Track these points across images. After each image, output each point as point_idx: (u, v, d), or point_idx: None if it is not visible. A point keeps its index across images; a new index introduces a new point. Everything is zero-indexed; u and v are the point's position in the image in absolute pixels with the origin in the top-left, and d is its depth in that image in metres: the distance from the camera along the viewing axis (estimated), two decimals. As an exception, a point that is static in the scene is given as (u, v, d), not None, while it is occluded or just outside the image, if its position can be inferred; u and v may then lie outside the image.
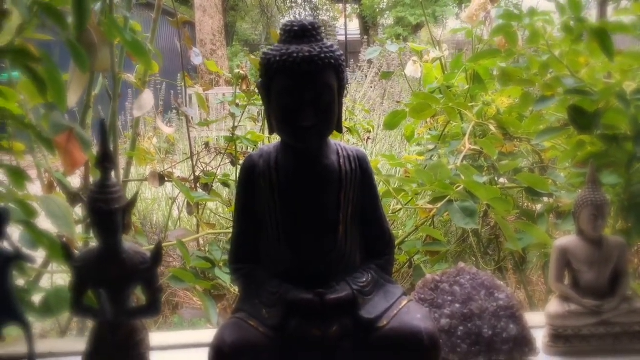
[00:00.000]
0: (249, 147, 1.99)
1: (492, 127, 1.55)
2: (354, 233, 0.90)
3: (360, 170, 0.89)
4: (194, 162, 1.86)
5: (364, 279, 0.88)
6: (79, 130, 1.15)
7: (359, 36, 12.65)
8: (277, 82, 0.81)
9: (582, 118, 1.06)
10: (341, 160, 0.88)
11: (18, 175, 0.99)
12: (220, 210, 2.23)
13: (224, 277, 1.44)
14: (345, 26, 12.85)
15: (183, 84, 2.15)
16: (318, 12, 16.76)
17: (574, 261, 1.00)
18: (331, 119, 0.83)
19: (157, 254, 0.85)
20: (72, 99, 1.18)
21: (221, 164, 2.10)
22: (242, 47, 11.98)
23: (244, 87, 1.78)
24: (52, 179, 1.37)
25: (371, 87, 3.37)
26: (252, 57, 1.86)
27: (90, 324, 1.03)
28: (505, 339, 0.94)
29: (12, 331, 0.97)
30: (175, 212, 2.70)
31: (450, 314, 0.96)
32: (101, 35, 1.13)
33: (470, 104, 1.65)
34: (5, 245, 0.89)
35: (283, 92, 0.80)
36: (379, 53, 2.24)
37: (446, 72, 1.92)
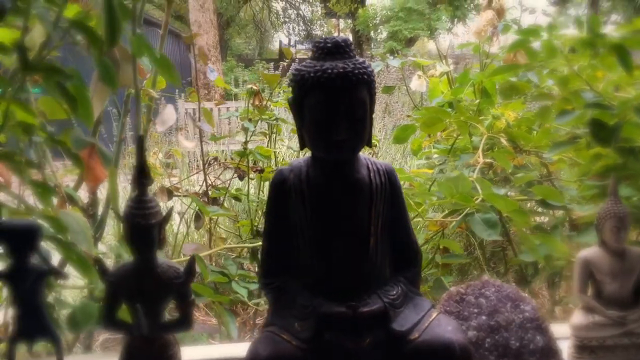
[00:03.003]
0: (259, 162, 2.01)
1: (503, 141, 1.57)
2: (383, 246, 0.91)
3: (389, 184, 0.91)
4: (205, 177, 1.86)
5: (394, 292, 0.89)
6: (100, 146, 1.16)
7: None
8: (310, 97, 0.82)
9: (602, 131, 1.08)
10: (371, 174, 0.89)
11: (45, 190, 1.00)
12: (228, 224, 2.23)
13: (242, 291, 1.45)
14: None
15: (188, 98, 2.18)
16: (312, 26, 16.88)
17: (597, 272, 1.01)
18: (363, 133, 0.84)
19: (191, 269, 0.85)
20: (94, 114, 1.19)
21: (232, 178, 2.11)
22: (236, 62, 12.01)
23: (257, 102, 1.79)
24: (63, 194, 1.38)
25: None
26: (266, 72, 1.87)
27: (109, 338, 1.04)
28: (533, 350, 0.95)
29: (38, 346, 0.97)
30: (177, 226, 2.70)
31: (477, 326, 0.97)
32: (123, 51, 1.14)
33: (480, 118, 1.67)
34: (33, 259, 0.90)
35: (317, 107, 0.82)
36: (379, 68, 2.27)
37: (453, 86, 1.94)
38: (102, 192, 1.49)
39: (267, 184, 2.19)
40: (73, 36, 0.96)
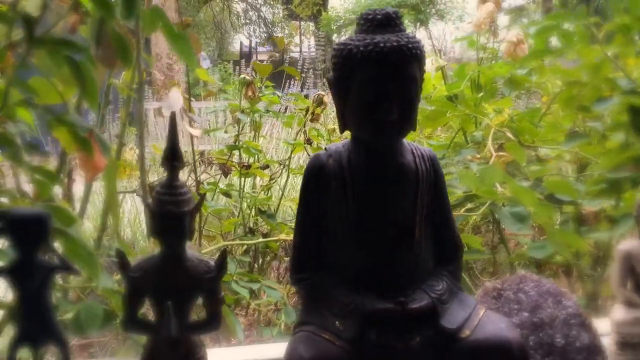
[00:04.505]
0: (251, 157, 1.93)
1: (509, 134, 1.53)
2: (427, 237, 0.84)
3: (433, 171, 0.85)
4: (196, 173, 1.77)
5: (440, 287, 0.82)
6: (98, 132, 1.06)
7: (315, 53, 12.70)
8: (359, 73, 0.75)
9: (640, 119, 1.04)
10: (417, 160, 0.82)
11: (48, 177, 0.90)
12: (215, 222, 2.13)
13: (243, 291, 1.37)
14: (300, 43, 12.88)
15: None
16: (273, 28, 16.78)
17: (637, 265, 0.97)
18: (413, 115, 0.78)
19: (222, 263, 0.77)
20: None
21: (216, 174, 2.02)
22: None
23: (250, 94, 1.71)
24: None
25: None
26: (258, 62, 1.79)
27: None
28: (579, 348, 0.90)
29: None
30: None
31: (520, 324, 0.92)
32: (124, 31, 1.05)
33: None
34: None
35: (366, 84, 0.75)
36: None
37: (448, 81, 1.90)
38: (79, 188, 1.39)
39: (254, 180, 2.11)
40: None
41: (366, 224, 0.80)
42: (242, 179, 1.75)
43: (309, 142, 1.91)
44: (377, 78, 0.74)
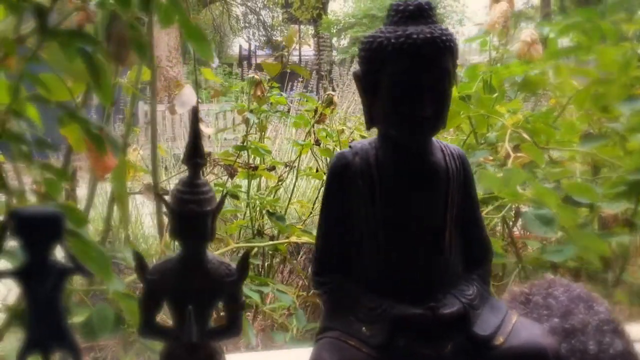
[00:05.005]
0: (254, 158, 1.89)
1: (525, 135, 1.50)
2: (456, 239, 0.80)
3: (462, 170, 0.81)
4: (204, 174, 1.73)
5: (470, 292, 0.78)
6: (107, 130, 1.02)
7: (314, 57, 12.67)
8: (389, 67, 0.71)
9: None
10: (447, 158, 0.79)
11: (59, 175, 0.86)
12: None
13: (254, 295, 1.33)
14: (299, 46, 12.85)
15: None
16: (272, 32, 16.75)
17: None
18: (446, 110, 0.74)
19: (244, 266, 0.73)
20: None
21: (221, 175, 1.99)
22: (197, 66, 11.78)
23: (258, 93, 1.67)
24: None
25: (353, 101, 3.32)
26: (267, 62, 1.76)
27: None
28: (612, 355, 0.86)
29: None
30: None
31: (551, 330, 0.88)
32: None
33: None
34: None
35: (398, 78, 0.71)
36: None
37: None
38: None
39: (259, 181, 2.07)
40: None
41: (394, 224, 0.77)
42: (250, 180, 1.71)
43: (317, 143, 1.88)
44: (409, 71, 0.70)
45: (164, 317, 0.88)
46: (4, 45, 0.78)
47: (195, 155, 0.68)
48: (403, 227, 0.77)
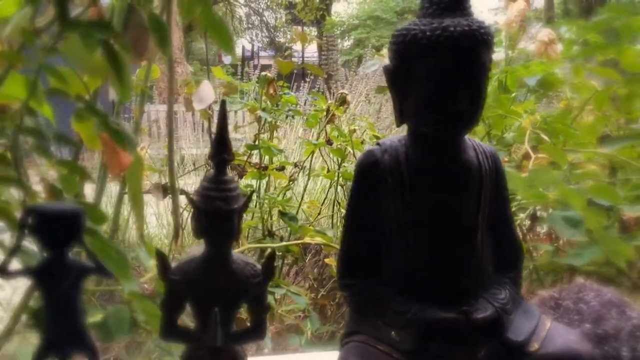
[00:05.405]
0: (264, 158, 1.86)
1: (544, 136, 1.47)
2: (488, 240, 0.78)
3: (495, 170, 0.78)
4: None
5: (503, 296, 0.75)
6: (123, 126, 1.00)
7: (317, 58, 12.65)
8: (424, 60, 0.69)
9: None
10: (479, 157, 0.76)
11: (74, 170, 0.83)
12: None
13: (268, 297, 1.30)
14: (303, 47, 12.84)
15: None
16: (275, 33, 16.74)
17: None
18: (481, 106, 0.71)
19: (270, 267, 0.71)
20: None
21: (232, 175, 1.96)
22: (201, 66, 11.77)
23: (271, 91, 1.65)
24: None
25: (365, 103, 3.29)
26: (279, 59, 1.73)
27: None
28: (647, 362, 0.84)
29: None
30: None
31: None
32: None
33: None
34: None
35: (433, 72, 0.68)
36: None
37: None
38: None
39: (269, 181, 2.05)
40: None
41: (424, 224, 0.74)
42: (260, 180, 1.68)
43: (329, 142, 1.85)
44: (445, 65, 0.68)
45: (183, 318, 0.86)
46: (23, 37, 0.75)
47: (222, 151, 0.66)
48: (434, 226, 0.74)
